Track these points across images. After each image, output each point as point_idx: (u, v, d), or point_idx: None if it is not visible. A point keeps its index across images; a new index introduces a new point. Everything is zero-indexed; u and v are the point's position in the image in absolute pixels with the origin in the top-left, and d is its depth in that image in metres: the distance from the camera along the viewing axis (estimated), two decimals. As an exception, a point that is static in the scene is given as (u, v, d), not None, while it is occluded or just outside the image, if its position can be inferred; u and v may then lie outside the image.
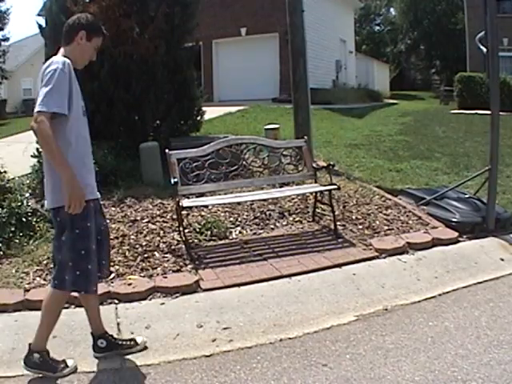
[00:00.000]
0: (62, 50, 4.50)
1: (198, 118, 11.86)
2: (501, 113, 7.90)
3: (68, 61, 4.27)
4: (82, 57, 4.64)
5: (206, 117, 12.59)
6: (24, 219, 7.16)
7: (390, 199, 8.86)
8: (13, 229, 6.93)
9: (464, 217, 7.76)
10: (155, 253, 6.63)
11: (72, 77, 4.26)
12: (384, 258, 6.79)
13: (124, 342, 4.84)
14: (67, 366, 4.50)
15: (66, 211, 4.15)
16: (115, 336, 4.87)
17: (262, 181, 7.95)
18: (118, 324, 5.19)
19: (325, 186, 7.69)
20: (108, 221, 7.48)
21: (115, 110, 10.09)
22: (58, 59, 4.25)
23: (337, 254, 6.77)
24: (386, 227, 7.70)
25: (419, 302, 5.79)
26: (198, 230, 7.36)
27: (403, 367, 4.41)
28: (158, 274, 6.12)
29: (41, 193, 8.27)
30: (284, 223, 7.87)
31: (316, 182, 7.91)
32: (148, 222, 7.55)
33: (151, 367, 4.55)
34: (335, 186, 7.49)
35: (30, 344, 4.45)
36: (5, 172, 8.03)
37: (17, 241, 6.84)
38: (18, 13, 74.64)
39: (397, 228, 7.70)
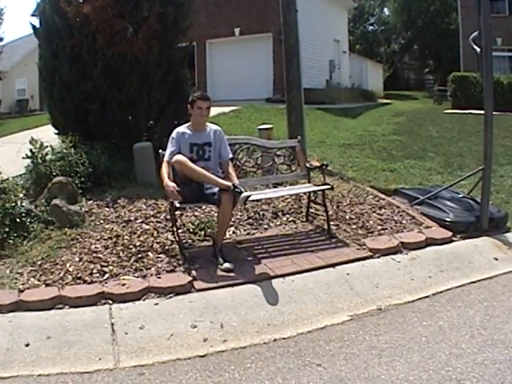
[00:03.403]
0: None
1: (192, 118, 11.85)
2: (494, 112, 7.91)
3: None
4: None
5: (200, 117, 12.57)
6: (18, 220, 7.14)
7: (383, 199, 8.87)
8: (7, 229, 6.91)
9: (458, 216, 7.78)
10: (149, 253, 6.62)
11: None
12: (378, 257, 6.80)
13: None
14: None
15: None
16: None
17: (255, 181, 7.95)
18: (113, 324, 5.18)
19: (318, 186, 7.69)
20: (102, 221, 7.54)
21: (108, 110, 10.06)
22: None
23: (330, 254, 6.77)
24: (380, 227, 7.71)
25: (413, 301, 5.81)
26: (191, 230, 7.35)
27: (397, 367, 4.43)
28: (151, 275, 6.11)
29: (35, 193, 8.26)
30: (277, 223, 7.87)
31: (309, 182, 7.91)
32: (142, 222, 7.54)
33: (145, 367, 4.56)
34: (329, 186, 7.48)
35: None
36: (-1, 172, 8.02)
37: (11, 241, 6.82)
38: (12, 13, 74.50)
39: (390, 228, 7.70)
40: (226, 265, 6.33)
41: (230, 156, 7.09)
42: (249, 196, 6.35)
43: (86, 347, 4.83)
